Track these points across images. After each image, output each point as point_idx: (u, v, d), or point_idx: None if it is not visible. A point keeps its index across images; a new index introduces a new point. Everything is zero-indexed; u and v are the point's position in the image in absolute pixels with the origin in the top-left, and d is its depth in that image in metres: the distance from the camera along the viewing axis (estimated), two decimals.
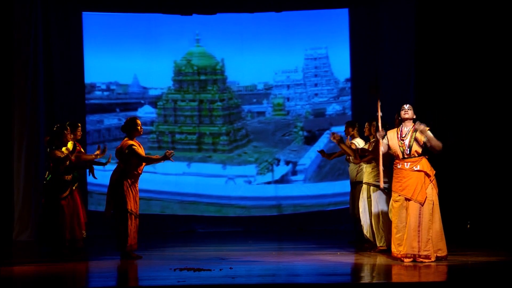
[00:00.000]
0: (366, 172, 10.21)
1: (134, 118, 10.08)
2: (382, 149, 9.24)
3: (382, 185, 9.57)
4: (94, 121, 14.21)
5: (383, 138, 9.22)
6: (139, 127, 9.92)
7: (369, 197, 10.19)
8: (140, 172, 9.98)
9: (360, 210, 10.35)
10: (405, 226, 9.01)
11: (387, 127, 9.51)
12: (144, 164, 9.98)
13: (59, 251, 10.16)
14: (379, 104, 9.37)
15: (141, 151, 9.92)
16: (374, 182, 10.08)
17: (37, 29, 12.93)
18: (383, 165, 9.87)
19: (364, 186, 10.29)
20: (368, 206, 10.21)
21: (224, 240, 12.78)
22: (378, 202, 10.00)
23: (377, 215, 9.98)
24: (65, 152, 10.35)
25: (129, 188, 9.81)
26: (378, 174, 9.95)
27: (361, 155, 10.31)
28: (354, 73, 14.13)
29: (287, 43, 14.40)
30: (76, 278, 8.72)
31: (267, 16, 14.25)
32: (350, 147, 10.61)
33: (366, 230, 10.35)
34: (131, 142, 9.84)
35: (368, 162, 10.14)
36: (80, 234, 10.61)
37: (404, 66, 13.17)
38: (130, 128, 9.92)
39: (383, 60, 13.59)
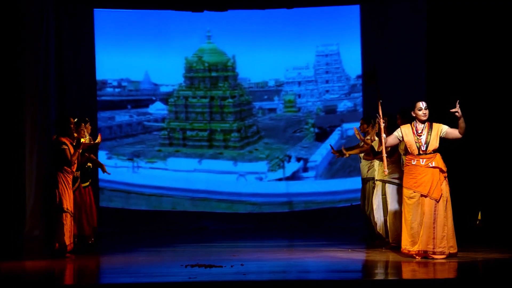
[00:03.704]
0: (381, 169, 10.15)
1: (67, 116, 10.17)
2: (389, 140, 9.23)
3: (386, 171, 9.50)
4: (106, 117, 14.24)
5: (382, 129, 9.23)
6: (72, 125, 9.94)
7: (383, 194, 10.14)
8: (73, 170, 9.96)
9: (374, 207, 10.30)
10: (420, 223, 8.98)
11: (385, 119, 9.53)
12: (76, 163, 9.96)
13: (60, 251, 9.96)
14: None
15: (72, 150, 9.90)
16: (388, 179, 10.03)
17: (48, 26, 12.93)
18: (395, 161, 9.85)
19: (378, 183, 10.25)
20: (383, 203, 10.17)
21: (235, 236, 12.79)
22: (393, 199, 9.94)
23: (393, 212, 9.92)
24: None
25: (64, 186, 9.80)
26: (392, 171, 9.92)
27: (374, 153, 10.28)
28: (365, 70, 14.08)
29: (298, 39, 14.39)
30: (87, 274, 8.75)
31: (278, 12, 14.23)
32: (360, 146, 10.71)
33: (379, 227, 10.33)
34: (62, 140, 9.85)
35: (381, 160, 10.07)
36: (89, 230, 10.60)
37: (415, 62, 13.13)
38: (63, 126, 9.92)
39: (394, 57, 13.55)
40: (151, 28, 14.34)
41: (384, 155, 9.31)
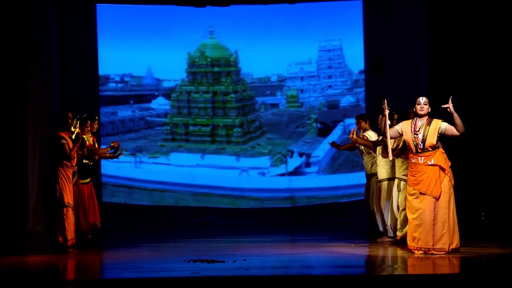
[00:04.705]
0: (397, 166, 10.08)
1: (65, 111, 10.16)
2: (390, 132, 9.20)
3: (390, 157, 9.43)
4: (108, 113, 14.23)
5: (389, 126, 9.21)
6: (70, 120, 9.94)
7: (398, 191, 10.08)
8: (73, 164, 9.95)
9: (394, 204, 10.20)
10: (420, 220, 8.97)
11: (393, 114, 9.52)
12: (75, 157, 9.96)
13: (62, 246, 9.91)
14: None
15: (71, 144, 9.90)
16: (402, 177, 9.95)
17: (51, 21, 12.95)
18: (406, 158, 9.79)
19: (396, 181, 10.16)
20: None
21: (237, 232, 12.79)
22: (403, 196, 9.88)
23: (402, 208, 9.88)
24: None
25: (64, 180, 9.79)
26: (407, 168, 9.86)
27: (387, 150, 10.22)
28: (371, 60, 14.04)
29: (301, 34, 14.37)
30: (90, 269, 8.75)
31: (281, 7, 14.21)
32: (367, 140, 10.64)
33: (392, 225, 10.29)
34: (61, 134, 9.85)
35: (396, 157, 10.00)
36: (86, 226, 10.57)
37: (418, 58, 13.13)
38: (61, 121, 9.93)
39: (397, 52, 13.53)
40: (154, 23, 14.33)
41: (388, 138, 9.24)
